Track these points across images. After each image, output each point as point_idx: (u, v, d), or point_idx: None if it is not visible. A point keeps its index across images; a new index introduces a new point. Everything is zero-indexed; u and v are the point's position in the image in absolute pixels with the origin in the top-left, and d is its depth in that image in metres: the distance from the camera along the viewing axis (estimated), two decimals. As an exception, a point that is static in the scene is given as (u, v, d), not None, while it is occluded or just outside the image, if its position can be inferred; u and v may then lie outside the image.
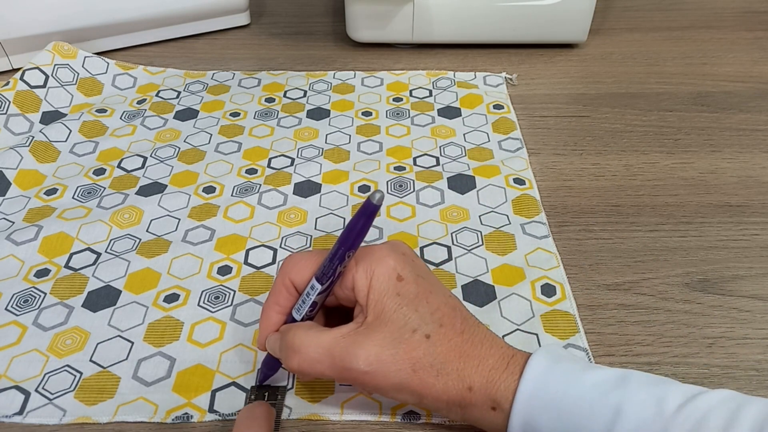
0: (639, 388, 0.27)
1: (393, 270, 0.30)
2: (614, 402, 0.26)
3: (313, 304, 0.31)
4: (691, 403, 0.26)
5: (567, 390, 0.27)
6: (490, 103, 0.57)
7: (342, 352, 0.29)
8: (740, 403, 0.25)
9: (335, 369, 0.29)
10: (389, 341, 0.29)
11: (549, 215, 0.45)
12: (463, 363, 0.29)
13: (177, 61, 0.65)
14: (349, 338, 0.29)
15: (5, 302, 0.38)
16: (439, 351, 0.29)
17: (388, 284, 0.30)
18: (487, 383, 0.28)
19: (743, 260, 0.42)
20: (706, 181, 0.49)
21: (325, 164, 0.50)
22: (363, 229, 0.29)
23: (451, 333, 0.29)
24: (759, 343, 0.36)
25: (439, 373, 0.29)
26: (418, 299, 0.30)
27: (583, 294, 0.40)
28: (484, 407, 0.29)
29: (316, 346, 0.29)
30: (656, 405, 0.26)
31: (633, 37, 0.70)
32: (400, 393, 0.29)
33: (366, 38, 0.66)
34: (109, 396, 0.33)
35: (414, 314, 0.29)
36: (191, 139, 0.53)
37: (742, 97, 0.59)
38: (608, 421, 0.26)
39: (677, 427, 0.25)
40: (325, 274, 0.30)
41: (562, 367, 0.28)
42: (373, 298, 0.30)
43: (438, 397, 0.29)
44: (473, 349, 0.29)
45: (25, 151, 0.49)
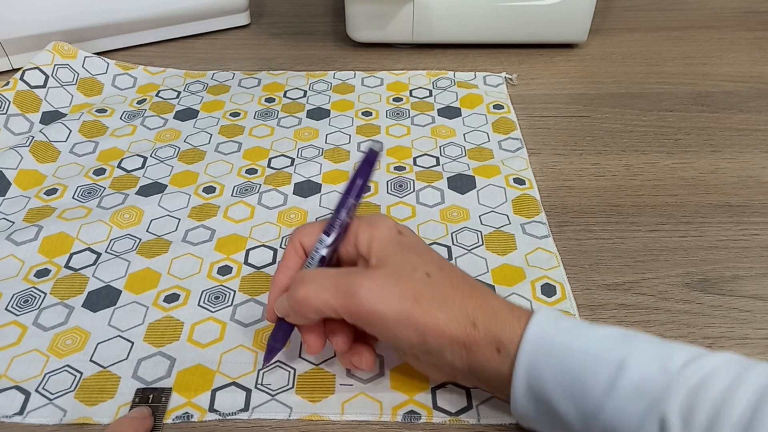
0: (644, 344, 0.27)
1: (394, 226, 0.32)
2: (618, 356, 0.26)
3: (321, 259, 0.32)
4: (696, 362, 0.26)
5: (572, 342, 0.27)
6: (490, 103, 0.57)
7: (347, 280, 0.29)
8: (745, 366, 0.25)
9: (340, 296, 0.29)
10: (392, 275, 0.29)
11: (549, 215, 0.45)
12: (467, 299, 0.29)
13: (177, 61, 0.65)
14: (356, 272, 0.30)
15: (5, 302, 0.38)
16: (441, 286, 0.29)
17: (390, 235, 0.31)
18: (492, 323, 0.28)
19: (743, 260, 0.42)
20: (706, 181, 0.49)
21: (325, 164, 0.50)
22: (365, 178, 0.31)
23: (452, 275, 0.30)
24: (759, 343, 0.36)
25: (441, 306, 0.29)
26: (418, 247, 0.31)
27: (583, 294, 0.40)
28: (489, 348, 0.28)
29: (323, 277, 0.30)
30: (660, 361, 0.26)
31: (633, 37, 0.70)
32: (402, 327, 0.29)
33: (366, 38, 0.66)
34: (110, 396, 0.33)
35: (415, 257, 0.30)
36: (191, 139, 0.53)
37: (742, 97, 0.59)
38: (611, 375, 0.26)
39: (681, 384, 0.25)
40: (332, 225, 0.31)
41: (569, 322, 0.28)
42: (376, 246, 0.31)
43: (441, 331, 0.28)
44: (475, 291, 0.30)
45: (25, 151, 0.49)
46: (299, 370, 0.35)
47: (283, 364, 0.35)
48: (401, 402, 0.33)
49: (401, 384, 0.34)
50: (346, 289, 0.29)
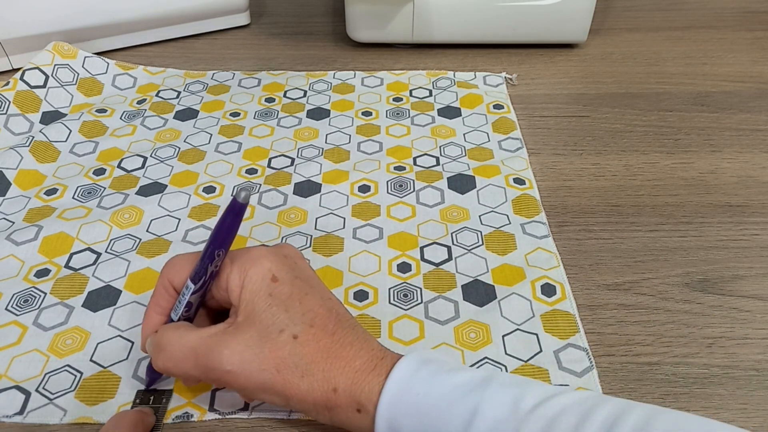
0: (499, 388, 0.27)
1: (268, 271, 0.30)
2: (472, 402, 0.26)
3: (188, 305, 0.31)
4: (547, 403, 0.26)
5: (429, 391, 0.27)
6: (490, 103, 0.57)
7: (206, 350, 0.29)
8: (594, 404, 0.25)
9: (199, 368, 0.29)
10: (255, 340, 0.29)
11: (549, 215, 0.45)
12: (330, 364, 0.29)
13: (177, 61, 0.65)
14: (216, 338, 0.29)
15: (5, 302, 0.38)
16: (306, 351, 0.29)
17: (261, 284, 0.30)
18: (352, 385, 0.28)
19: (743, 260, 0.42)
20: (706, 181, 0.49)
21: (325, 164, 0.50)
22: (231, 228, 0.30)
23: (321, 334, 0.29)
24: (759, 343, 0.36)
25: (304, 374, 0.28)
26: (291, 300, 0.30)
27: (583, 294, 0.40)
28: (350, 409, 0.28)
29: (181, 345, 0.29)
30: (513, 404, 0.26)
31: (633, 37, 0.70)
32: (266, 393, 0.29)
33: (366, 38, 0.66)
34: (110, 396, 0.33)
35: (284, 314, 0.29)
36: (191, 139, 0.53)
37: (742, 97, 0.59)
38: (465, 421, 0.26)
39: (530, 426, 0.25)
40: (198, 273, 0.30)
41: (428, 369, 0.28)
42: (245, 298, 0.30)
43: (303, 398, 0.28)
44: (342, 350, 0.29)
45: (25, 151, 0.49)
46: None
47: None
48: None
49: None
50: (205, 362, 0.29)
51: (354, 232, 0.44)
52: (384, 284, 0.40)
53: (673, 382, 0.34)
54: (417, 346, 0.36)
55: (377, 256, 0.42)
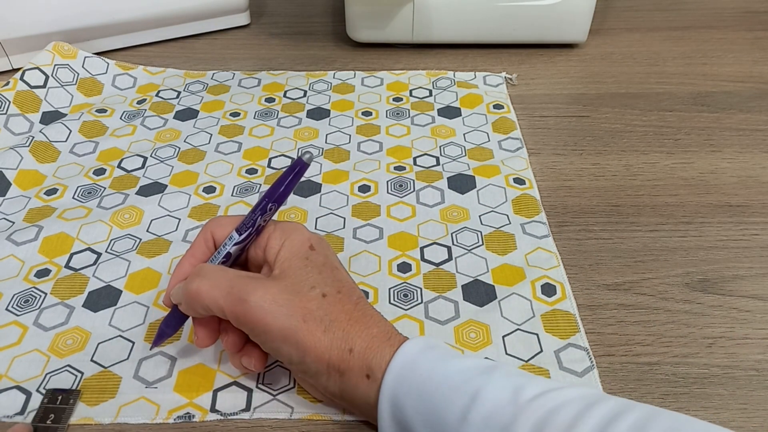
0: (502, 377, 0.27)
1: (307, 239, 0.32)
2: (474, 388, 0.27)
3: (227, 255, 0.32)
4: (548, 394, 0.26)
5: (433, 371, 0.28)
6: (490, 103, 0.57)
7: (243, 285, 0.30)
8: (596, 401, 0.26)
9: (230, 299, 0.29)
10: (288, 290, 0.30)
11: (549, 215, 0.45)
12: (351, 326, 0.30)
13: (177, 61, 0.65)
14: (254, 278, 0.30)
15: (6, 302, 0.38)
16: (332, 310, 0.30)
17: (300, 248, 0.31)
18: (367, 348, 0.29)
19: (743, 260, 0.42)
20: (706, 181, 0.49)
21: (325, 164, 0.50)
22: (290, 185, 0.31)
23: (347, 300, 0.31)
24: (759, 343, 0.36)
25: (326, 329, 0.29)
26: (324, 267, 0.31)
27: (583, 294, 0.40)
28: (360, 374, 0.29)
29: (219, 276, 0.30)
30: (513, 393, 0.26)
31: (633, 37, 0.70)
32: (285, 342, 0.29)
33: (366, 38, 0.66)
34: (111, 396, 0.33)
35: (317, 275, 0.31)
36: (191, 139, 0.53)
37: (742, 97, 0.59)
38: (465, 405, 0.26)
39: (528, 415, 0.25)
40: (245, 224, 0.31)
41: (436, 352, 0.29)
42: (283, 256, 0.31)
43: (320, 353, 0.29)
44: (362, 318, 0.30)
45: (25, 151, 0.49)
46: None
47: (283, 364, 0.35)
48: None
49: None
50: (239, 293, 0.29)
51: (354, 232, 0.44)
52: (384, 284, 0.40)
53: (673, 382, 0.34)
54: (417, 346, 0.36)
55: (377, 256, 0.42)
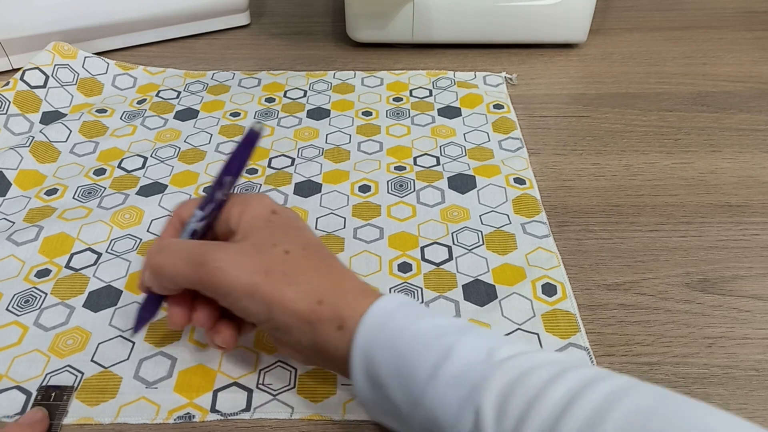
0: (477, 336, 0.27)
1: (268, 205, 0.32)
2: (447, 344, 0.26)
3: (192, 232, 0.32)
4: (522, 356, 0.26)
5: (408, 326, 0.27)
6: (490, 103, 0.57)
7: (200, 249, 0.30)
8: (567, 367, 0.25)
9: (191, 265, 0.29)
10: (249, 249, 0.30)
11: (549, 215, 0.45)
12: (319, 279, 0.29)
13: (177, 61, 0.65)
14: (213, 243, 0.30)
15: (6, 302, 0.38)
16: (297, 264, 0.29)
17: (261, 212, 0.31)
18: (338, 301, 0.28)
19: (743, 260, 0.42)
20: (706, 181, 0.49)
21: (325, 164, 0.50)
22: (243, 156, 0.31)
23: (313, 255, 0.30)
24: (759, 343, 0.37)
25: (291, 282, 0.29)
26: (288, 227, 0.31)
27: (583, 294, 0.40)
28: (331, 325, 0.28)
29: (178, 246, 0.30)
30: (486, 352, 0.26)
31: (633, 37, 0.70)
32: (250, 299, 0.28)
33: (366, 38, 0.66)
34: (111, 396, 0.33)
35: (281, 234, 0.30)
36: (191, 139, 0.53)
37: (742, 97, 0.59)
38: (436, 361, 0.26)
39: (501, 375, 0.25)
40: (206, 199, 0.32)
41: (413, 308, 0.29)
42: (245, 220, 0.31)
43: (287, 306, 0.28)
44: (332, 273, 0.30)
45: (26, 152, 0.49)
46: (301, 369, 0.35)
47: (284, 364, 0.35)
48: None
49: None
50: (198, 258, 0.29)
51: (354, 232, 0.44)
52: (385, 284, 0.40)
53: (673, 382, 0.34)
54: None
55: (378, 256, 0.42)
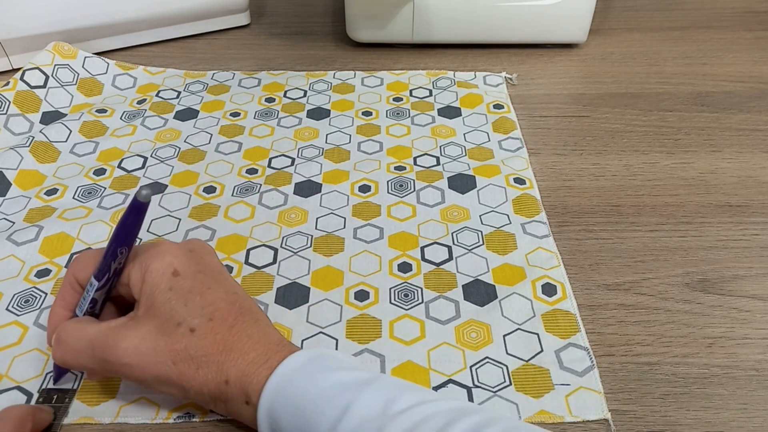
0: (376, 390, 0.27)
1: (169, 265, 0.30)
2: (346, 400, 0.27)
3: (93, 301, 0.31)
4: (417, 408, 0.26)
5: (309, 386, 0.28)
6: (490, 103, 0.57)
7: (103, 343, 0.29)
8: (460, 415, 0.26)
9: (96, 360, 0.29)
10: (153, 333, 0.29)
11: (549, 215, 0.45)
12: (225, 356, 0.29)
13: (177, 61, 0.65)
14: (114, 331, 0.30)
15: (6, 302, 0.38)
16: (202, 344, 0.29)
17: (161, 278, 0.30)
18: (243, 377, 0.29)
19: (743, 260, 0.42)
20: (706, 181, 0.49)
21: (325, 164, 0.50)
22: (132, 226, 0.30)
23: (219, 327, 0.30)
24: (759, 343, 0.37)
25: (199, 366, 0.29)
26: (191, 294, 0.30)
27: (583, 294, 0.40)
28: (239, 401, 0.29)
29: (79, 338, 0.30)
30: (383, 406, 0.26)
31: (633, 37, 0.70)
32: (163, 385, 0.30)
33: (366, 38, 0.66)
34: (111, 396, 0.33)
35: (182, 308, 0.30)
36: (191, 139, 0.53)
37: (742, 97, 0.59)
38: (335, 418, 0.26)
39: (393, 427, 0.25)
40: (101, 270, 0.30)
41: (316, 365, 0.29)
42: (145, 291, 0.30)
43: (199, 390, 0.29)
44: (238, 343, 0.30)
45: (26, 152, 0.49)
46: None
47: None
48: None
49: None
50: (101, 354, 0.29)
51: (354, 232, 0.44)
52: (385, 284, 0.40)
53: (673, 382, 0.34)
54: (418, 346, 0.36)
55: (378, 256, 0.42)
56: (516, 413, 0.33)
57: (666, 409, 0.33)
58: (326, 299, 0.39)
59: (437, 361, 0.35)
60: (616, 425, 0.32)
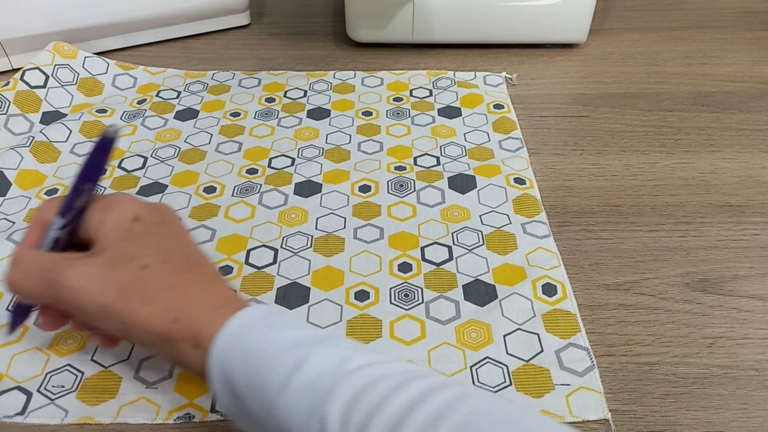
0: (330, 347, 0.27)
1: (130, 210, 0.31)
2: (300, 355, 0.26)
3: (55, 241, 0.31)
4: (371, 366, 0.26)
5: (264, 339, 0.27)
6: (491, 103, 0.57)
7: (54, 267, 0.29)
8: (412, 377, 0.25)
9: (42, 283, 0.29)
10: (104, 265, 0.29)
11: (549, 215, 0.45)
12: (175, 296, 0.28)
13: (177, 61, 0.65)
14: (66, 259, 0.29)
15: (6, 302, 0.38)
16: (153, 281, 0.29)
17: (121, 220, 0.30)
18: (194, 318, 0.28)
19: (743, 260, 0.42)
20: (706, 181, 0.49)
21: (325, 164, 0.50)
22: (98, 163, 0.30)
23: (173, 269, 0.29)
24: (759, 343, 0.37)
25: (146, 301, 0.28)
26: (149, 237, 0.30)
27: (583, 294, 0.40)
28: (188, 343, 0.28)
29: (33, 261, 0.30)
30: (338, 362, 0.26)
31: (633, 37, 0.70)
32: (106, 318, 0.29)
33: (366, 38, 0.66)
34: (111, 396, 0.33)
35: (138, 248, 0.29)
36: (191, 139, 0.53)
37: (742, 97, 0.59)
38: (288, 372, 0.26)
39: (348, 383, 0.25)
40: (65, 207, 0.30)
41: (272, 320, 0.28)
42: (103, 231, 0.30)
43: (143, 326, 0.28)
44: (191, 287, 0.29)
45: (26, 152, 0.49)
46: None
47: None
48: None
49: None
50: (50, 276, 0.29)
51: (355, 232, 0.44)
52: (385, 284, 0.40)
53: (673, 382, 0.34)
54: (418, 346, 0.36)
55: (378, 256, 0.42)
56: (516, 413, 0.33)
57: (666, 409, 0.33)
58: (326, 299, 0.39)
59: (437, 361, 0.35)
60: (616, 425, 0.32)
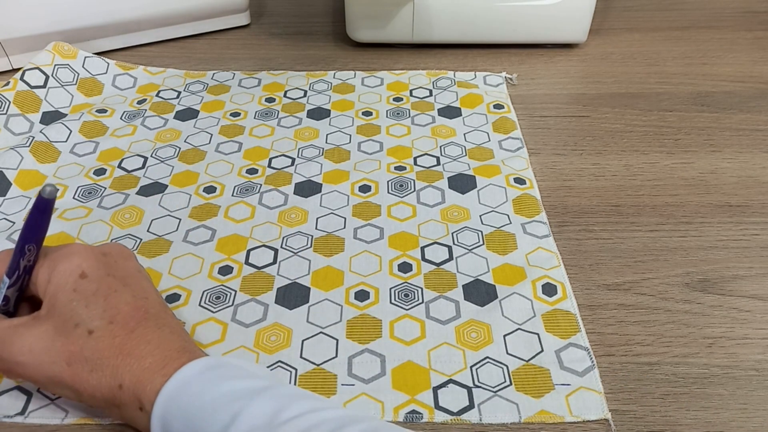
0: (267, 398, 0.27)
1: (77, 267, 0.31)
2: (236, 409, 0.27)
3: (5, 299, 0.31)
4: (305, 416, 0.26)
5: (201, 394, 0.27)
6: (491, 103, 0.57)
7: (1, 339, 0.30)
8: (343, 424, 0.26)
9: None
10: (50, 333, 0.29)
11: (549, 215, 0.45)
12: (120, 360, 0.29)
13: (177, 61, 0.65)
14: (12, 329, 0.30)
15: (6, 302, 0.38)
16: (99, 347, 0.29)
17: (67, 279, 0.30)
18: (137, 383, 0.28)
19: (743, 260, 0.42)
20: (706, 181, 0.49)
21: (325, 164, 0.50)
22: (39, 223, 0.30)
23: (119, 330, 0.30)
24: (759, 343, 0.37)
25: (93, 369, 0.29)
26: (95, 296, 0.30)
27: (583, 294, 0.40)
28: (133, 407, 0.29)
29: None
30: (272, 414, 0.26)
31: (633, 37, 0.70)
32: (57, 387, 0.30)
33: (366, 38, 0.66)
34: (111, 396, 0.33)
35: (83, 310, 0.30)
36: (192, 139, 0.53)
37: (742, 97, 0.59)
38: (223, 427, 0.26)
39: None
40: (11, 267, 0.31)
41: (213, 373, 0.28)
42: (50, 291, 0.30)
43: (92, 393, 0.29)
44: (137, 348, 0.29)
45: (26, 152, 0.49)
46: (300, 370, 0.35)
47: (284, 365, 0.35)
48: (403, 402, 0.33)
49: (403, 383, 0.34)
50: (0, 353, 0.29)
51: (355, 232, 0.44)
52: (385, 284, 0.40)
53: (673, 382, 0.34)
54: (418, 346, 0.36)
55: (378, 256, 0.42)
56: (516, 413, 0.33)
57: (666, 409, 0.33)
58: (326, 299, 0.39)
59: (437, 361, 0.35)
60: (616, 425, 0.32)
